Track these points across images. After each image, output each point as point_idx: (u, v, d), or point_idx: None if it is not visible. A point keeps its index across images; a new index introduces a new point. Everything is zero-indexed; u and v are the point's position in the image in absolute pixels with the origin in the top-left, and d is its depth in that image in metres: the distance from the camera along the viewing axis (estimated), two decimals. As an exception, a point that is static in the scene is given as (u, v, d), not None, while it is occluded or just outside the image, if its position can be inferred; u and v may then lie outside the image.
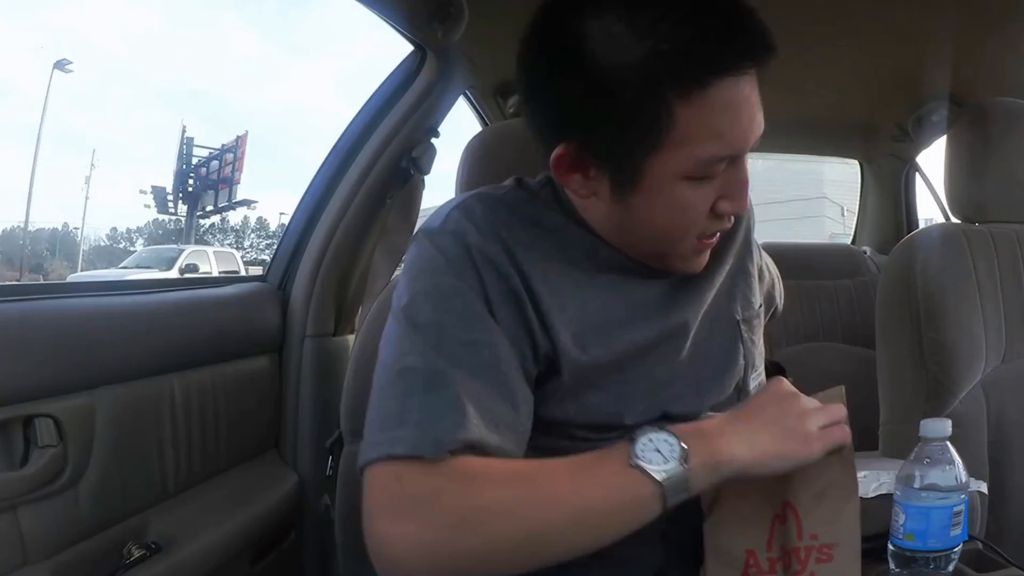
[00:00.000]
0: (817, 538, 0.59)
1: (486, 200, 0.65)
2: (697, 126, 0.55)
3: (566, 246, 0.65)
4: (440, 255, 0.61)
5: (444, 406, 0.54)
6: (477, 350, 0.57)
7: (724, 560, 0.61)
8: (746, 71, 0.55)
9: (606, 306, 0.65)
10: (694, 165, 0.57)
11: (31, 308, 0.74)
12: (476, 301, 0.59)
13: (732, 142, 0.57)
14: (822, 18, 1.24)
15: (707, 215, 0.61)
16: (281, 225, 22.18)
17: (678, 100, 0.54)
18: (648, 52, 0.54)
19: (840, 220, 13.70)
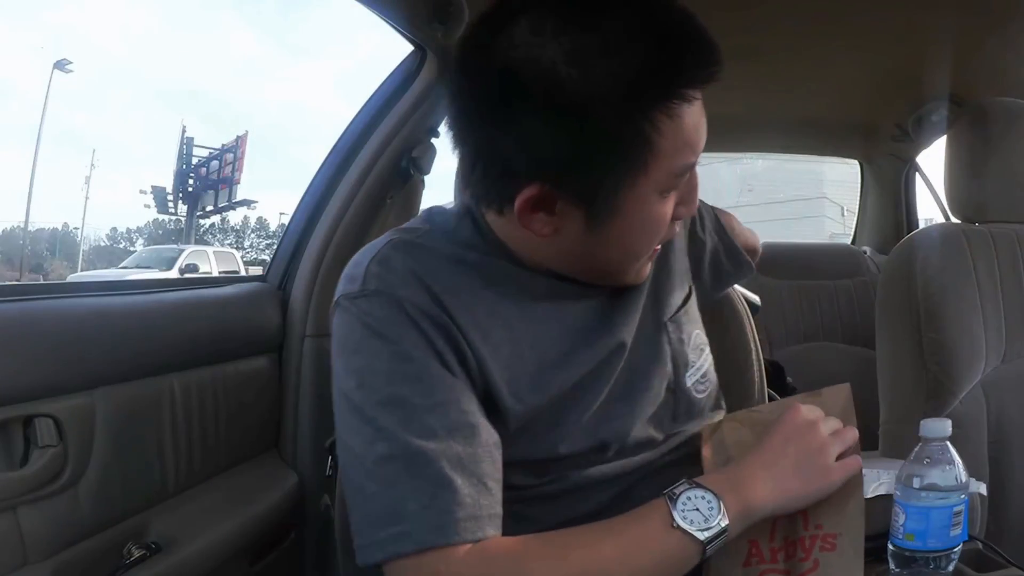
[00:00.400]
0: (822, 528, 0.61)
1: (402, 247, 0.61)
2: (674, 140, 0.55)
3: (494, 280, 0.63)
4: (370, 321, 0.57)
5: (433, 487, 0.52)
6: (445, 412, 0.55)
7: (727, 550, 0.61)
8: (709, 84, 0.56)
9: (540, 341, 0.63)
10: (668, 179, 0.57)
11: (31, 308, 0.74)
12: (425, 359, 0.56)
13: (698, 149, 0.58)
14: (822, 18, 1.24)
15: (667, 226, 0.61)
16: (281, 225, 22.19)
17: (664, 117, 0.53)
18: (632, 70, 0.52)
19: (840, 220, 13.70)
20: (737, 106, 1.76)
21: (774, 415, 0.64)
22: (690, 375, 0.72)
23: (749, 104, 1.75)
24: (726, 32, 1.45)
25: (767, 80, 1.57)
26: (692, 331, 0.74)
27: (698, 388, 0.73)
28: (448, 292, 0.59)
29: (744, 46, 1.36)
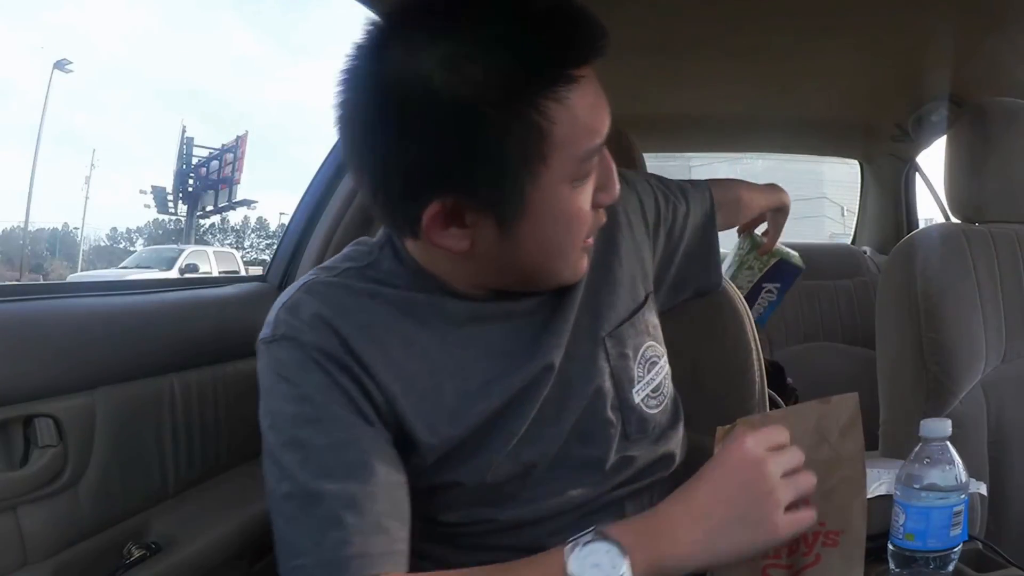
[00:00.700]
0: (825, 525, 0.61)
1: (314, 290, 0.62)
2: (571, 125, 0.54)
3: (411, 311, 0.63)
4: (278, 367, 0.59)
5: (325, 526, 0.54)
6: (342, 453, 0.56)
7: None
8: (596, 59, 0.55)
9: (462, 370, 0.63)
10: (575, 166, 0.56)
11: (31, 308, 0.74)
12: (326, 402, 0.57)
13: (600, 131, 0.57)
14: (822, 18, 1.24)
15: (590, 218, 0.60)
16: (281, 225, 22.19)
17: (552, 103, 0.53)
18: (507, 63, 0.52)
19: (840, 220, 13.70)
20: (737, 106, 1.77)
21: (787, 420, 0.65)
22: (637, 391, 0.70)
23: (749, 104, 1.75)
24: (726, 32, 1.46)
25: (767, 80, 1.58)
26: (641, 344, 0.72)
27: (649, 403, 0.71)
28: (358, 331, 0.60)
29: (744, 46, 1.36)
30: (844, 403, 0.64)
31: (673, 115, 1.83)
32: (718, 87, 1.64)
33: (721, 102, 1.74)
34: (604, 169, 0.60)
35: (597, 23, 0.54)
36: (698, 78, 1.58)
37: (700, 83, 1.62)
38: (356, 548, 0.54)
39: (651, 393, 0.72)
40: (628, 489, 0.70)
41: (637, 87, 1.62)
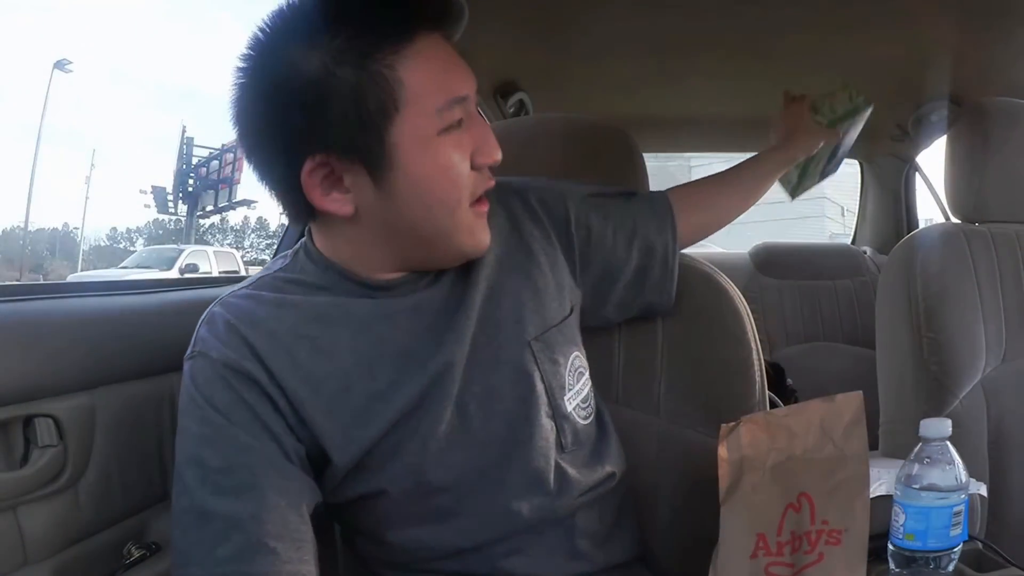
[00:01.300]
0: (828, 523, 0.62)
1: (228, 303, 0.65)
2: (422, 78, 0.59)
3: (319, 314, 0.65)
4: (192, 383, 0.62)
5: (212, 542, 0.57)
6: (234, 475, 0.59)
7: (735, 542, 0.64)
8: (438, 30, 0.61)
9: (372, 370, 0.64)
10: (431, 118, 0.60)
11: (31, 308, 0.74)
12: (229, 423, 0.60)
13: (452, 88, 0.61)
14: (822, 18, 1.24)
15: (470, 172, 0.63)
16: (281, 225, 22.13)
17: (395, 58, 0.58)
18: (353, 26, 0.57)
19: (840, 220, 13.70)
20: (737, 106, 1.77)
21: (791, 418, 0.66)
22: (569, 399, 0.70)
23: (749, 104, 1.75)
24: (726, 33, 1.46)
25: (767, 80, 1.57)
26: (570, 352, 0.72)
27: (580, 414, 0.71)
28: (266, 338, 0.62)
29: (744, 46, 1.36)
30: (848, 402, 0.65)
31: (673, 115, 1.83)
32: (718, 87, 1.64)
33: (721, 102, 1.74)
34: (479, 132, 0.64)
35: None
36: (698, 78, 1.58)
37: (700, 83, 1.62)
38: (240, 567, 0.57)
39: (580, 403, 0.72)
40: (577, 502, 0.70)
41: (637, 87, 1.62)
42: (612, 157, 1.07)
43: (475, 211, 0.65)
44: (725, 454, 0.67)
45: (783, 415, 0.69)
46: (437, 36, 0.61)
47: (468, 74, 0.63)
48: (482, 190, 0.65)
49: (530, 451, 0.67)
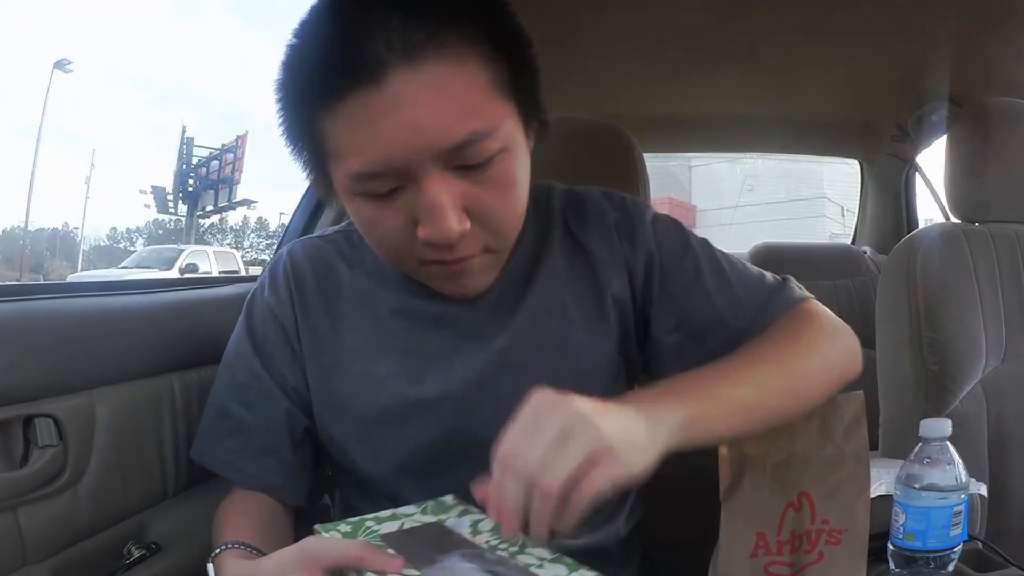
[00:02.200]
0: (829, 523, 0.62)
1: (298, 249, 0.71)
2: (340, 140, 0.53)
3: (356, 288, 0.69)
4: (247, 307, 0.72)
5: (224, 435, 0.69)
6: (251, 392, 0.69)
7: (735, 541, 0.63)
8: (379, 82, 0.50)
9: (374, 360, 0.66)
10: (351, 181, 0.54)
11: (31, 308, 0.74)
12: (256, 352, 0.69)
13: (376, 156, 0.52)
14: (822, 18, 1.24)
15: (409, 239, 0.56)
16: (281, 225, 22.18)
17: (322, 113, 0.53)
18: (291, 70, 0.55)
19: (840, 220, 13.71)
20: (737, 106, 1.77)
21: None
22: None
23: (749, 104, 1.75)
24: (727, 32, 1.46)
25: (767, 80, 1.58)
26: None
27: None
28: (312, 297, 0.69)
29: (744, 46, 1.36)
30: (849, 401, 0.65)
31: (673, 115, 1.83)
32: (718, 87, 1.64)
33: (721, 102, 1.74)
34: (422, 204, 0.54)
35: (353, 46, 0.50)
36: (698, 78, 1.58)
37: (701, 83, 1.62)
38: (241, 461, 0.68)
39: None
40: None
41: (637, 87, 1.62)
42: (612, 157, 1.08)
43: (434, 269, 0.59)
44: (726, 453, 0.67)
45: None
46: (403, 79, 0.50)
47: (415, 138, 0.51)
48: (433, 257, 0.57)
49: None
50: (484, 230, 0.57)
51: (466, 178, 0.54)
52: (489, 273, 0.63)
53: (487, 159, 0.54)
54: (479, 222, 0.56)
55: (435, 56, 0.50)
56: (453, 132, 0.51)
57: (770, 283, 0.70)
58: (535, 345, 0.66)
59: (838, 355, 0.64)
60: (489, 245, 0.59)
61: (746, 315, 0.66)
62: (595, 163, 1.06)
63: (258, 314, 0.70)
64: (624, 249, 0.69)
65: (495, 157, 0.54)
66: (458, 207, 0.54)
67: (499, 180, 0.55)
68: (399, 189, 0.54)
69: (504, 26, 0.55)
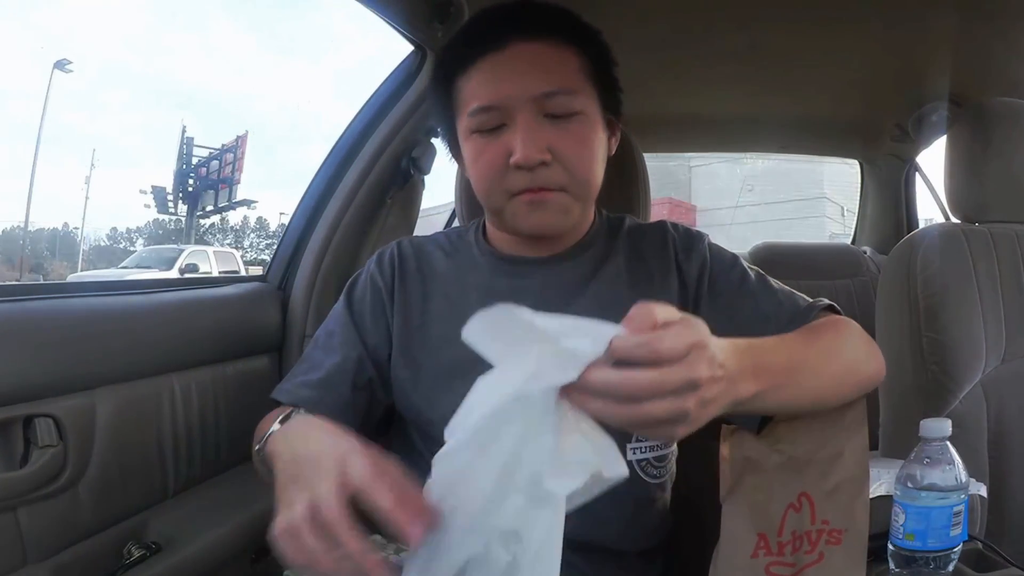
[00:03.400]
0: (828, 523, 0.62)
1: (407, 241, 0.86)
2: (467, 92, 0.73)
3: (457, 272, 0.82)
4: (351, 280, 0.85)
5: (296, 374, 0.80)
6: (333, 338, 0.81)
7: (736, 542, 0.64)
8: (502, 48, 0.71)
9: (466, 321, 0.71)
10: (469, 118, 0.73)
11: (31, 308, 0.74)
12: (348, 310, 0.82)
13: (490, 96, 0.71)
14: (822, 18, 1.24)
15: (503, 169, 0.72)
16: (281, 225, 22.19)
17: (459, 77, 0.74)
18: (448, 50, 0.77)
19: (840, 220, 13.71)
20: (737, 106, 1.77)
21: (793, 419, 0.66)
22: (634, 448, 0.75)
23: (749, 104, 1.75)
24: (726, 31, 1.46)
25: (767, 80, 1.58)
26: None
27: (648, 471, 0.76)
28: (411, 273, 0.82)
29: (745, 46, 1.36)
30: (850, 405, 0.65)
31: (673, 115, 1.83)
32: (718, 87, 1.64)
33: (721, 102, 1.74)
34: (514, 137, 0.71)
35: (490, 29, 0.73)
36: (699, 78, 1.58)
37: (701, 83, 1.61)
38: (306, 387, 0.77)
39: (653, 460, 0.75)
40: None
41: (637, 87, 1.61)
42: (612, 157, 1.08)
43: (519, 200, 0.74)
44: (727, 454, 0.67)
45: (786, 416, 0.69)
46: (510, 48, 0.71)
47: (499, 85, 0.71)
48: (520, 186, 0.72)
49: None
50: (563, 169, 0.72)
51: (552, 126, 0.72)
52: (564, 216, 0.75)
53: (568, 114, 0.72)
54: (558, 161, 0.72)
55: (541, 39, 0.72)
56: (544, 83, 0.71)
57: (804, 297, 0.80)
58: None
59: (871, 356, 0.71)
60: (566, 186, 0.73)
61: (785, 314, 0.75)
62: (595, 163, 1.06)
63: (360, 283, 0.83)
64: (680, 259, 0.81)
65: (575, 116, 0.72)
66: (541, 142, 0.70)
67: (576, 134, 0.73)
68: (502, 127, 0.72)
69: (592, 35, 0.77)
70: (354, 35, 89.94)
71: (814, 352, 0.65)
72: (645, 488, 0.75)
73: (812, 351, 0.65)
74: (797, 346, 0.64)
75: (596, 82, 0.75)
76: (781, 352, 0.60)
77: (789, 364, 0.59)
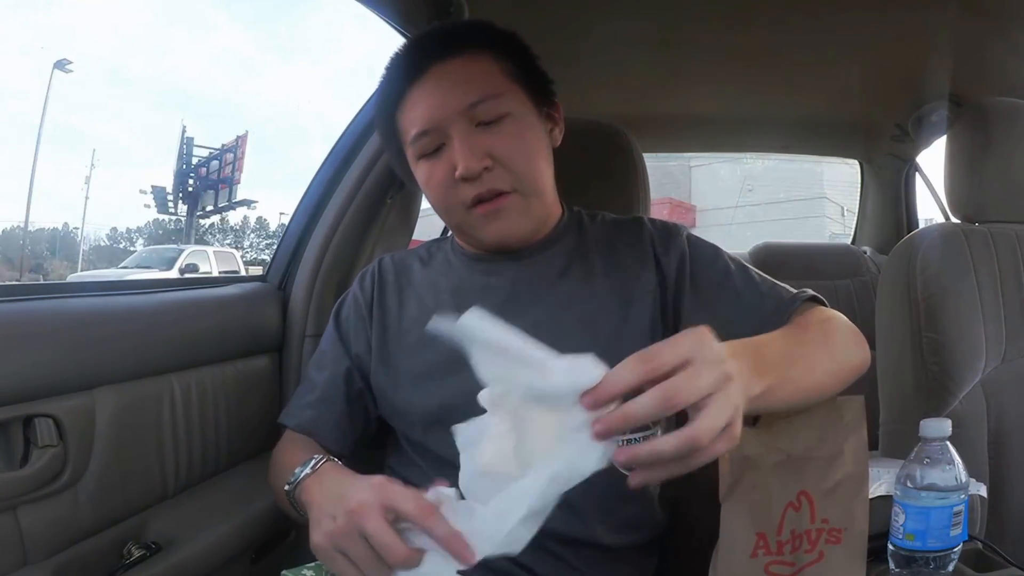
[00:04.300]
0: (828, 522, 0.62)
1: (387, 259, 0.90)
2: (406, 123, 0.77)
3: (432, 276, 0.86)
4: (340, 303, 0.90)
5: (298, 396, 0.86)
6: (325, 356, 0.87)
7: (735, 541, 0.64)
8: (423, 74, 0.75)
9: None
10: (412, 146, 0.77)
11: (31, 308, 0.74)
12: (337, 328, 0.87)
13: (423, 121, 0.75)
14: (822, 18, 1.24)
15: (453, 185, 0.75)
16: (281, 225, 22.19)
17: (397, 113, 0.78)
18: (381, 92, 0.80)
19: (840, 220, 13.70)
20: (737, 106, 1.76)
21: (792, 417, 0.66)
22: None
23: (749, 104, 1.75)
24: (726, 31, 1.46)
25: (767, 80, 1.58)
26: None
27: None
28: (389, 284, 0.87)
29: (744, 46, 1.36)
30: (849, 403, 0.65)
31: (673, 115, 1.83)
32: (718, 87, 1.64)
33: (721, 102, 1.74)
34: (455, 151, 0.74)
35: (409, 61, 0.78)
36: (698, 78, 1.58)
37: (700, 83, 1.61)
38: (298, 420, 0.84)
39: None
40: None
41: (637, 87, 1.62)
42: (612, 157, 1.08)
43: (475, 214, 0.76)
44: (727, 453, 0.67)
45: (784, 415, 0.69)
46: (438, 68, 0.75)
47: (445, 102, 0.74)
48: (471, 196, 0.75)
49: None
50: (505, 171, 0.75)
51: (486, 132, 0.75)
52: (522, 218, 0.78)
53: (497, 118, 0.75)
54: (500, 165, 0.74)
55: (457, 55, 0.75)
56: (468, 95, 0.74)
57: (788, 288, 0.79)
58: (564, 321, 0.77)
59: (858, 347, 0.72)
60: (515, 186, 0.76)
61: (768, 306, 0.75)
62: (595, 163, 1.06)
63: (346, 303, 0.88)
64: (659, 252, 0.81)
65: (506, 118, 0.75)
66: (479, 150, 0.74)
67: (512, 135, 0.75)
68: (442, 147, 0.75)
69: (506, 38, 0.79)
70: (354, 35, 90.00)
71: (806, 347, 0.65)
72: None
73: (804, 346, 0.65)
74: (790, 342, 0.64)
75: (521, 81, 0.78)
76: (776, 349, 0.60)
77: (785, 360, 0.59)
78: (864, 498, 0.63)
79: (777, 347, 0.61)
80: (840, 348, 0.69)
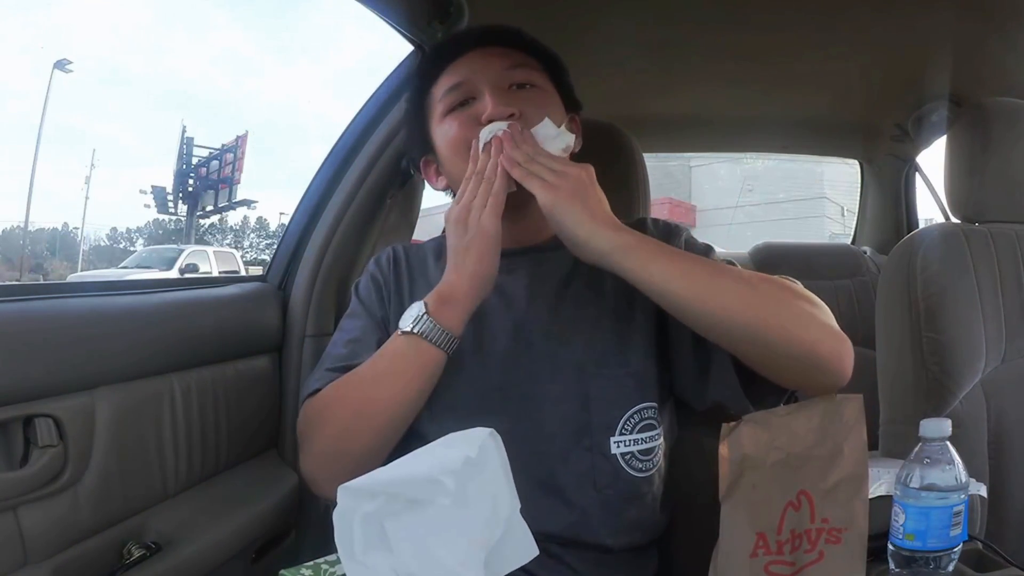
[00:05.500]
0: (828, 522, 0.62)
1: (401, 247, 0.91)
2: (439, 92, 0.82)
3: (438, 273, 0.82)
4: (358, 282, 0.89)
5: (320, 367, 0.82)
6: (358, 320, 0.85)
7: (735, 541, 0.64)
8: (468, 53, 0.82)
9: None
10: (441, 101, 0.81)
11: (31, 308, 0.74)
12: (365, 312, 0.85)
13: (457, 78, 0.80)
14: (822, 18, 1.24)
15: (474, 128, 0.77)
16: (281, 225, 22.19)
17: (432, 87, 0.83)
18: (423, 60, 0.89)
19: (840, 220, 13.70)
20: (737, 106, 1.76)
21: (792, 417, 0.66)
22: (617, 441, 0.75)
23: (749, 104, 1.75)
24: (726, 31, 1.46)
25: (767, 80, 1.58)
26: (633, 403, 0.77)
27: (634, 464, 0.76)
28: (405, 268, 0.88)
29: (744, 46, 1.36)
30: (848, 403, 0.65)
31: (673, 115, 1.83)
32: (718, 87, 1.64)
33: (721, 102, 1.74)
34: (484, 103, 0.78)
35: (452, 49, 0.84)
36: (698, 78, 1.58)
37: (700, 83, 1.61)
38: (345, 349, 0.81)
39: (637, 454, 0.75)
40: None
41: (637, 87, 1.62)
42: (612, 157, 1.08)
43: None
44: (726, 453, 0.67)
45: (784, 414, 0.69)
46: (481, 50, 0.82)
47: (484, 63, 0.80)
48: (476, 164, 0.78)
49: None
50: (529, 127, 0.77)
51: (518, 93, 0.79)
52: None
53: (530, 84, 0.81)
54: (526, 122, 0.76)
55: (498, 45, 0.82)
56: (507, 60, 0.81)
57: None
58: (572, 320, 0.79)
59: (812, 324, 0.69)
60: None
61: None
62: (595, 163, 1.06)
63: (363, 281, 0.88)
64: None
65: (537, 88, 0.81)
66: (509, 100, 0.77)
67: (540, 104, 0.79)
68: (470, 101, 0.80)
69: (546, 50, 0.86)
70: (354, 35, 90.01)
71: (724, 273, 0.69)
72: (631, 482, 0.75)
73: (721, 271, 0.70)
74: (700, 260, 0.72)
75: (555, 82, 0.84)
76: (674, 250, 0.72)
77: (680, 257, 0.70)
78: (864, 498, 0.63)
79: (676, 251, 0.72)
80: (774, 301, 0.68)
